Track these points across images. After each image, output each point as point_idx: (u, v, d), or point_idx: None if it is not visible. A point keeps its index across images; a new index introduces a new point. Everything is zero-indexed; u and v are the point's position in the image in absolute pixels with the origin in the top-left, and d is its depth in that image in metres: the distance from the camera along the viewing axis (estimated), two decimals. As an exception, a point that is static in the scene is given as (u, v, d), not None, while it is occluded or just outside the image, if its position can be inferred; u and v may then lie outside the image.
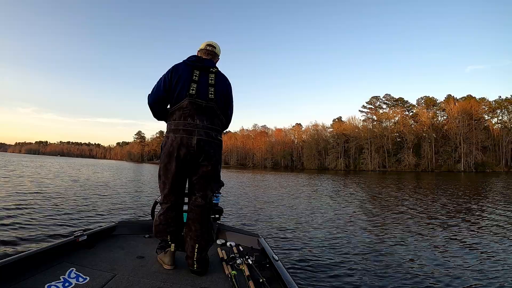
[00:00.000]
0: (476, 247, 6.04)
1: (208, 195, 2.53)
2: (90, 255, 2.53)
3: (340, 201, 13.17)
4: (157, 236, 2.56)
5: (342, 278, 4.27)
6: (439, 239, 6.67)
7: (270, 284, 2.15)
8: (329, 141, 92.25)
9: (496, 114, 74.93)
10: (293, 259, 4.95)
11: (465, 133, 70.34)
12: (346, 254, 5.41)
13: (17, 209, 8.04)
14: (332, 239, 6.47)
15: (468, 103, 72.16)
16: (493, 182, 27.55)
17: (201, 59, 2.61)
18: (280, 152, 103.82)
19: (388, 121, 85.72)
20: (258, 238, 3.18)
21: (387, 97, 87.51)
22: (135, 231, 3.33)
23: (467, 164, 68.83)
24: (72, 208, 8.81)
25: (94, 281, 2.06)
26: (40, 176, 20.27)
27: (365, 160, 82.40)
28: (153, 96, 2.53)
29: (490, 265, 4.95)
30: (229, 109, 2.76)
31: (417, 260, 5.15)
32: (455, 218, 9.15)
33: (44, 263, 2.23)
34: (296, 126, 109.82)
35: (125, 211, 9.00)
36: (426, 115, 78.22)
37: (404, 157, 76.54)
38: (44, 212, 7.88)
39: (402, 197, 15.17)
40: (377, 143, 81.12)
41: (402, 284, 4.11)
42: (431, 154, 74.55)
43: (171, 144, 2.40)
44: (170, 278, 2.24)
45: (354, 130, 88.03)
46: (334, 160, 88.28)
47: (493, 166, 67.00)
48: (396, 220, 8.81)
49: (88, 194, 12.28)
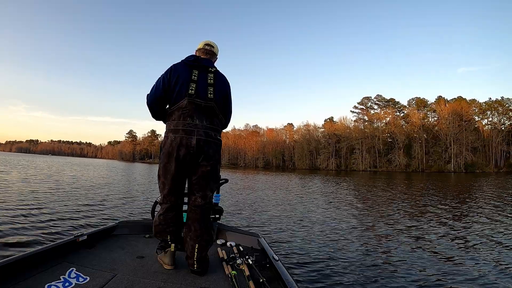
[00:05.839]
0: (466, 246, 6.15)
1: (207, 195, 2.53)
2: (90, 255, 2.52)
3: (338, 201, 13.26)
4: (157, 236, 2.56)
5: (342, 277, 4.31)
6: (439, 238, 6.78)
7: (270, 284, 2.16)
8: (321, 141, 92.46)
9: (486, 116, 75.89)
10: (293, 259, 4.97)
11: (455, 134, 71.20)
12: (346, 254, 5.46)
13: (17, 209, 7.99)
14: (332, 239, 6.53)
15: (458, 104, 72.98)
16: (482, 183, 27.89)
17: (199, 58, 2.60)
18: (272, 152, 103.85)
19: (379, 121, 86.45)
20: (258, 238, 3.19)
21: (378, 97, 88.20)
22: (135, 231, 3.32)
23: (457, 164, 69.63)
24: (72, 208, 8.78)
25: (94, 281, 2.05)
26: (38, 176, 20.09)
27: (356, 160, 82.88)
28: (152, 96, 2.53)
29: (483, 264, 5.04)
30: (228, 109, 2.75)
31: (417, 260, 5.22)
32: (446, 219, 9.28)
33: (44, 263, 2.22)
34: (287, 126, 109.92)
35: (125, 211, 8.96)
36: (417, 116, 78.91)
37: (395, 158, 77.20)
38: (44, 212, 7.84)
39: (396, 197, 15.34)
40: (368, 143, 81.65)
41: (402, 283, 4.16)
42: (422, 155, 75.29)
43: (170, 144, 2.39)
44: (170, 278, 2.24)
45: (346, 130, 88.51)
46: (325, 160, 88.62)
47: (483, 167, 67.86)
48: (394, 220, 8.93)
49: (88, 194, 12.21)
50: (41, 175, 21.28)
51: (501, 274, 4.57)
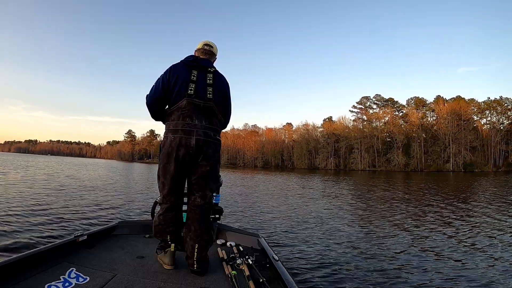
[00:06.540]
0: (471, 247, 6.15)
1: (207, 195, 2.53)
2: (90, 255, 2.52)
3: (338, 201, 13.25)
4: (157, 236, 2.56)
5: (342, 277, 4.31)
6: (441, 239, 6.77)
7: (270, 284, 2.16)
8: (320, 141, 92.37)
9: (485, 115, 75.90)
10: (293, 259, 4.97)
11: (454, 134, 71.25)
12: (346, 253, 5.46)
13: (17, 209, 7.97)
14: (332, 238, 6.52)
15: (457, 104, 73.03)
16: (482, 182, 27.90)
17: (198, 58, 2.61)
18: (271, 152, 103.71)
19: (378, 121, 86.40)
20: (258, 238, 3.19)
21: (377, 97, 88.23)
22: (135, 231, 3.33)
23: (456, 164, 69.71)
24: (72, 208, 8.77)
25: (94, 281, 2.05)
26: (37, 176, 20.05)
27: (355, 159, 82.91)
28: (152, 97, 2.53)
29: (484, 265, 5.03)
30: (228, 109, 2.76)
31: (417, 260, 5.21)
32: (448, 219, 9.28)
33: (44, 263, 2.22)
34: (286, 126, 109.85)
35: (125, 211, 8.95)
36: (416, 115, 78.92)
37: (393, 157, 77.21)
38: (44, 212, 7.83)
39: (396, 197, 15.34)
40: (367, 143, 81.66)
41: (402, 283, 4.16)
42: (421, 154, 75.35)
43: (170, 144, 2.40)
44: (170, 278, 2.25)
45: (345, 130, 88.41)
46: (324, 159, 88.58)
47: (482, 166, 67.92)
48: (394, 220, 8.93)
49: (88, 194, 12.20)
50: (41, 175, 21.22)
51: (506, 275, 4.55)
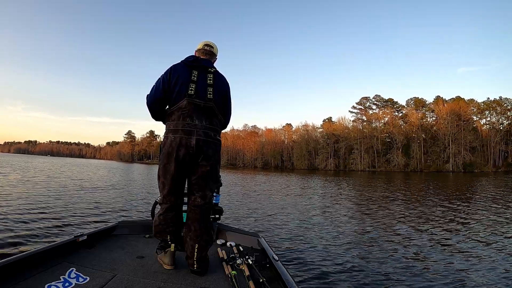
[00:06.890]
0: (463, 247, 6.16)
1: (207, 195, 2.53)
2: (90, 255, 2.52)
3: (337, 201, 13.28)
4: (157, 236, 2.56)
5: (342, 277, 4.31)
6: (439, 239, 6.77)
7: (270, 284, 2.16)
8: (319, 141, 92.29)
9: (484, 115, 75.95)
10: (293, 259, 4.97)
11: (453, 134, 71.23)
12: (346, 253, 5.47)
13: (17, 209, 7.99)
14: (332, 238, 6.53)
15: (457, 104, 73.04)
16: (482, 182, 27.93)
17: (199, 59, 2.61)
18: (270, 152, 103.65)
19: (378, 121, 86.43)
20: (258, 238, 3.19)
21: (377, 98, 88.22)
22: (135, 231, 3.33)
23: (455, 164, 69.67)
24: (72, 208, 8.79)
25: (94, 281, 2.05)
26: (37, 177, 20.08)
27: (354, 160, 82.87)
28: (152, 97, 2.54)
29: (484, 265, 5.05)
30: (228, 109, 2.76)
31: (416, 260, 5.24)
32: (449, 219, 9.29)
33: (44, 263, 2.22)
34: (286, 126, 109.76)
35: (125, 211, 8.96)
36: (416, 116, 78.94)
37: (393, 157, 77.18)
38: (44, 213, 7.85)
39: (396, 198, 15.37)
40: (367, 143, 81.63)
41: (402, 284, 4.16)
42: (420, 154, 75.32)
43: (170, 144, 2.40)
44: (170, 278, 2.25)
45: (344, 131, 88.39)
46: (324, 160, 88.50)
47: (481, 167, 67.89)
48: (394, 220, 8.95)
49: (88, 195, 12.24)
50: (40, 175, 21.24)
51: (506, 275, 4.56)
